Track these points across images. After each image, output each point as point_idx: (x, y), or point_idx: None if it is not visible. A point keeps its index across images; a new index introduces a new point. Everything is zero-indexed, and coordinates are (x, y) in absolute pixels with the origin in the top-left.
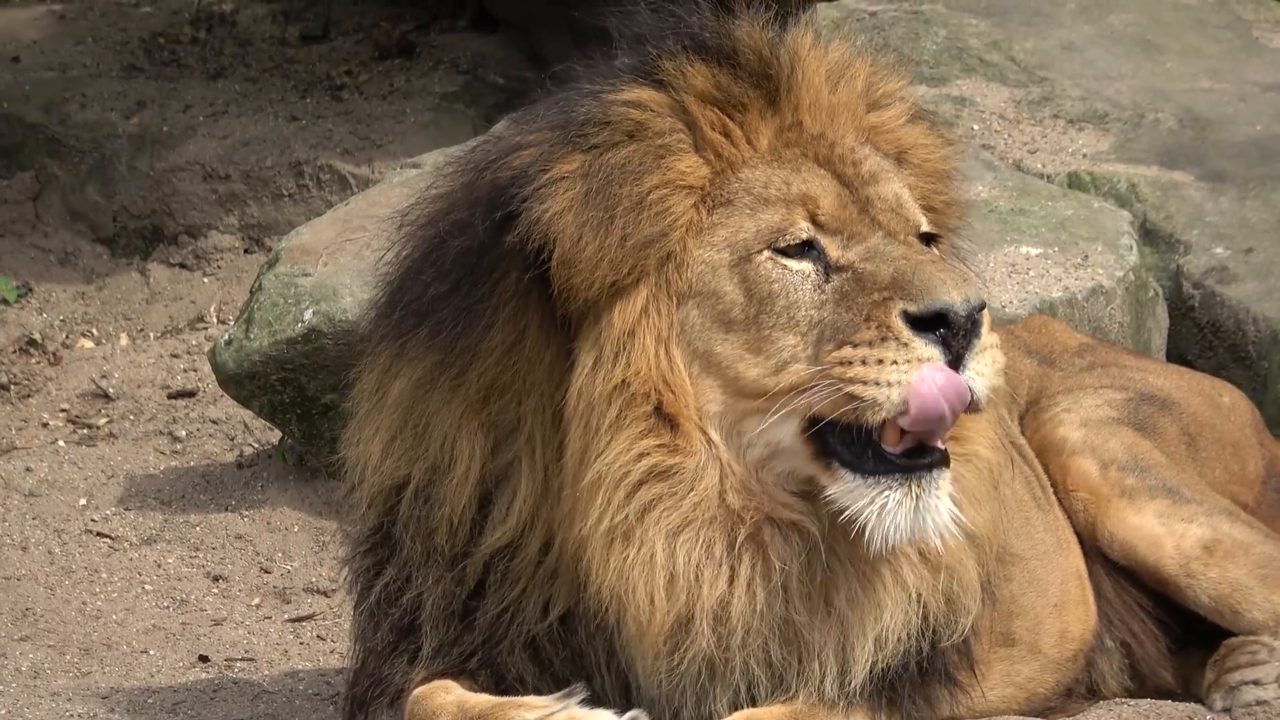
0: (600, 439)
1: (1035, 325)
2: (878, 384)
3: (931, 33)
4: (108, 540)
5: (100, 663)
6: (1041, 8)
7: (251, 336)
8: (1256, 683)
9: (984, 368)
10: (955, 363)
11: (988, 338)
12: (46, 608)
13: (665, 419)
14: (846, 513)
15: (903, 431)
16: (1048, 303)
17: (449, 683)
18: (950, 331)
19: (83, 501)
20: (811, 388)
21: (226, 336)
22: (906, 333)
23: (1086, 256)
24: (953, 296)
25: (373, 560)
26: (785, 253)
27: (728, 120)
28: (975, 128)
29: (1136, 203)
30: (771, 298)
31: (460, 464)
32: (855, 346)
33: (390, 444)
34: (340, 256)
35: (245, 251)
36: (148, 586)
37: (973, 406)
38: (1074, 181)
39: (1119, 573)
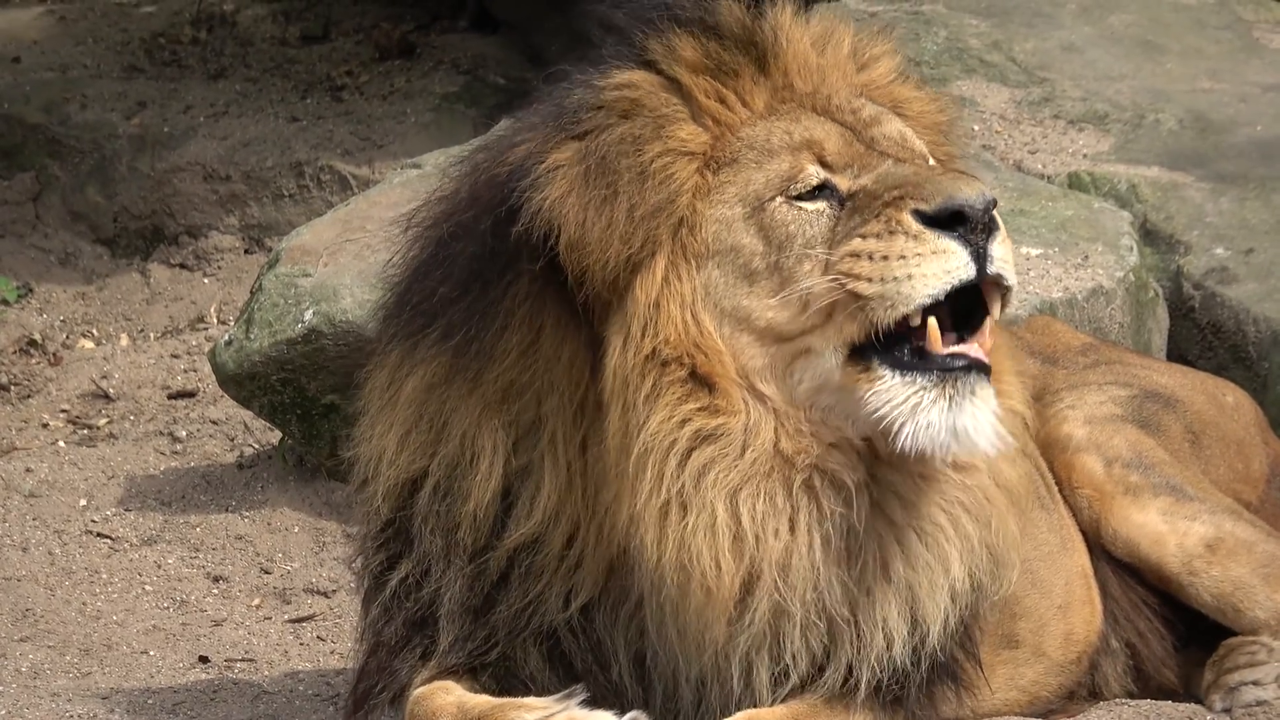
0: (639, 413)
1: (1038, 326)
2: (882, 280)
3: (932, 33)
4: (108, 541)
5: (100, 663)
6: (1042, 8)
7: (252, 337)
8: (1256, 683)
9: (1007, 254)
10: (979, 256)
11: (1002, 232)
12: (47, 608)
13: (701, 382)
14: (882, 414)
15: (949, 337)
16: (1048, 303)
17: (449, 683)
18: (969, 227)
19: (83, 502)
20: (831, 304)
21: (227, 337)
22: (916, 225)
23: (1087, 257)
24: (966, 193)
25: (386, 555)
26: (798, 198)
27: (721, 87)
28: (976, 128)
29: (1137, 203)
30: (790, 239)
31: (483, 460)
32: (864, 239)
33: (406, 438)
34: (341, 257)
35: (246, 252)
36: (148, 587)
37: (1006, 295)
38: (1074, 182)
39: (1124, 570)
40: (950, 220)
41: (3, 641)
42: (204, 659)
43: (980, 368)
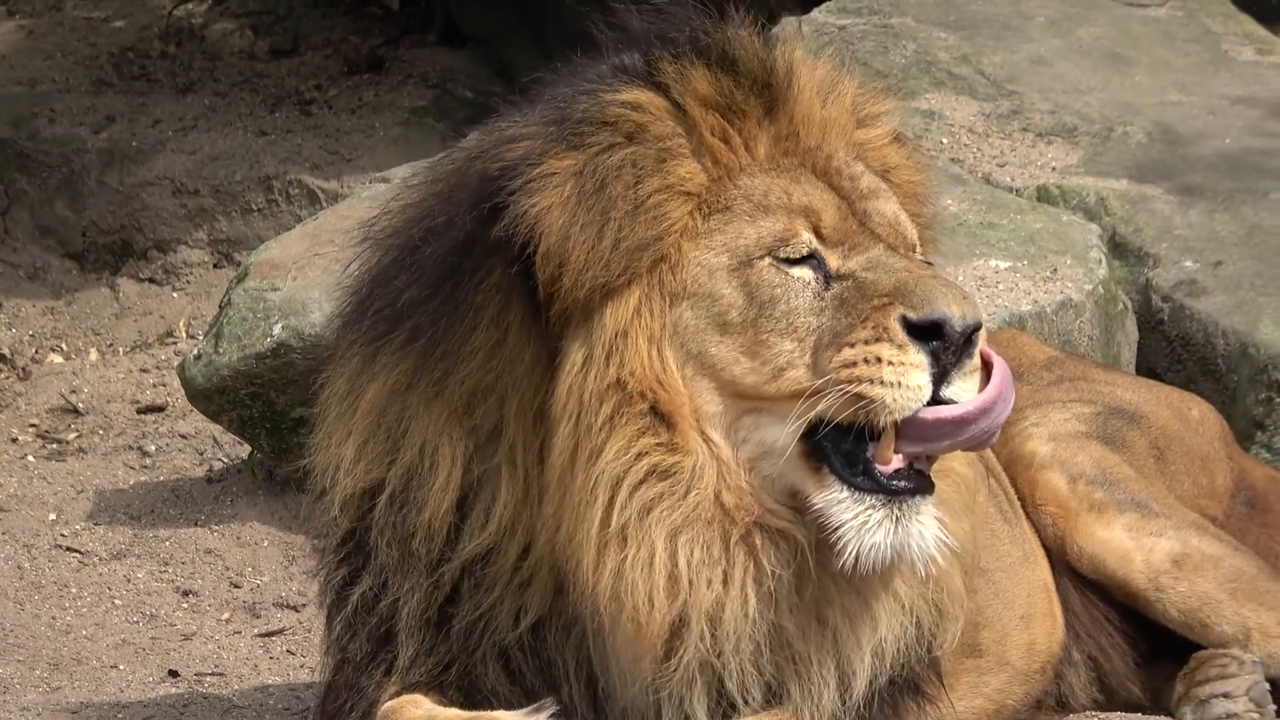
0: (595, 438)
1: (1004, 339)
2: (883, 383)
3: (900, 46)
4: (77, 555)
5: (70, 678)
6: (1010, 21)
7: (221, 351)
8: (1226, 695)
9: (968, 390)
10: (941, 377)
11: (974, 362)
12: (15, 623)
13: (662, 418)
14: (829, 523)
15: (897, 451)
16: (1017, 316)
17: (418, 697)
18: (943, 345)
19: (52, 516)
20: (821, 394)
21: (196, 351)
22: (902, 335)
23: (1055, 270)
24: (952, 309)
25: (347, 569)
26: (787, 261)
27: (727, 126)
28: (944, 141)
29: (1105, 216)
30: (772, 302)
31: (442, 469)
32: (853, 346)
33: (363, 447)
34: (309, 271)
35: (214, 266)
36: (117, 601)
37: None
38: (1043, 195)
39: (1087, 586)
40: (930, 331)
41: None
42: (174, 673)
43: (926, 489)
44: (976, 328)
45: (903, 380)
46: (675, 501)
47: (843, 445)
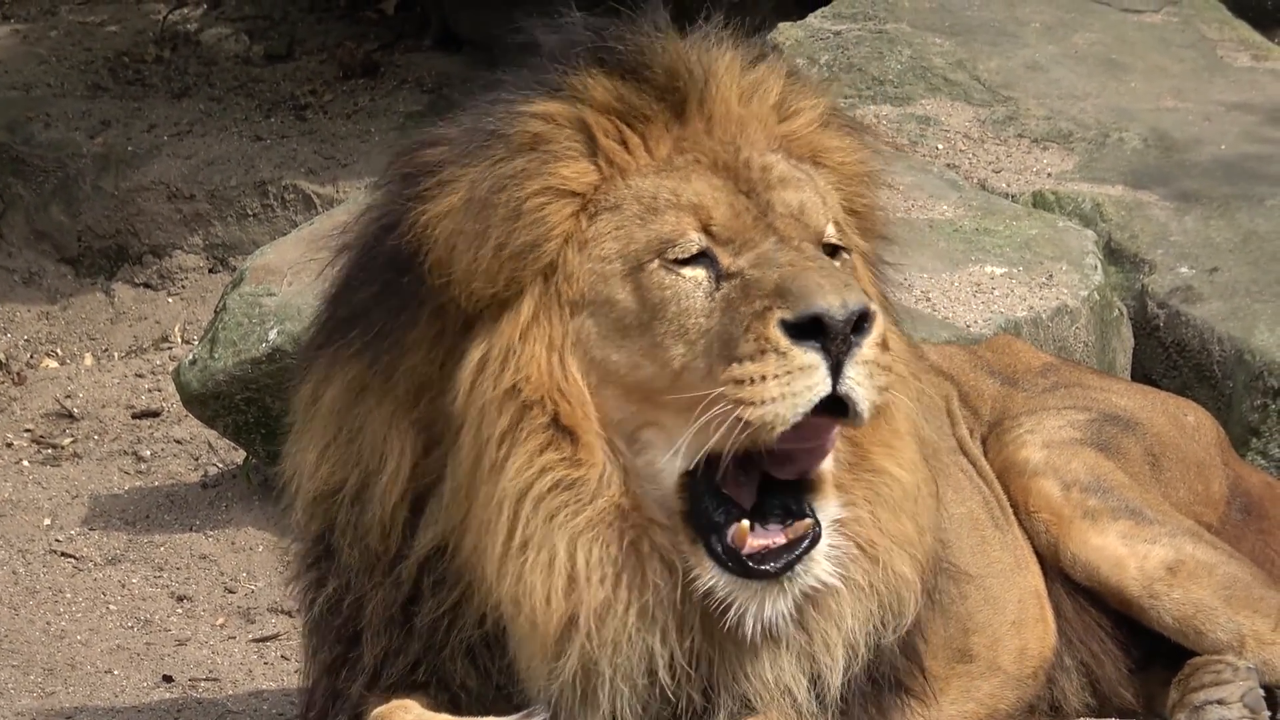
0: (496, 450)
1: (999, 345)
2: (763, 403)
3: (896, 52)
4: (72, 560)
5: (64, 683)
6: (1006, 27)
7: (216, 356)
8: (1221, 702)
9: (862, 379)
10: (836, 369)
11: (870, 350)
12: (10, 628)
13: (564, 430)
14: (721, 600)
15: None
16: (1012, 322)
17: (408, 702)
18: (828, 337)
19: (47, 521)
20: (709, 411)
21: (191, 356)
22: (784, 342)
23: (1051, 276)
24: (829, 301)
25: (316, 574)
26: (676, 262)
27: (626, 129)
28: (940, 147)
29: (1101, 222)
30: (664, 304)
31: (390, 463)
32: (741, 363)
33: (324, 451)
34: (305, 276)
35: (210, 271)
36: (112, 606)
37: (854, 418)
38: (1039, 201)
39: (1080, 593)
40: (811, 327)
41: None
42: (168, 678)
43: (798, 554)
44: (861, 314)
45: (786, 391)
46: (580, 507)
47: (710, 507)
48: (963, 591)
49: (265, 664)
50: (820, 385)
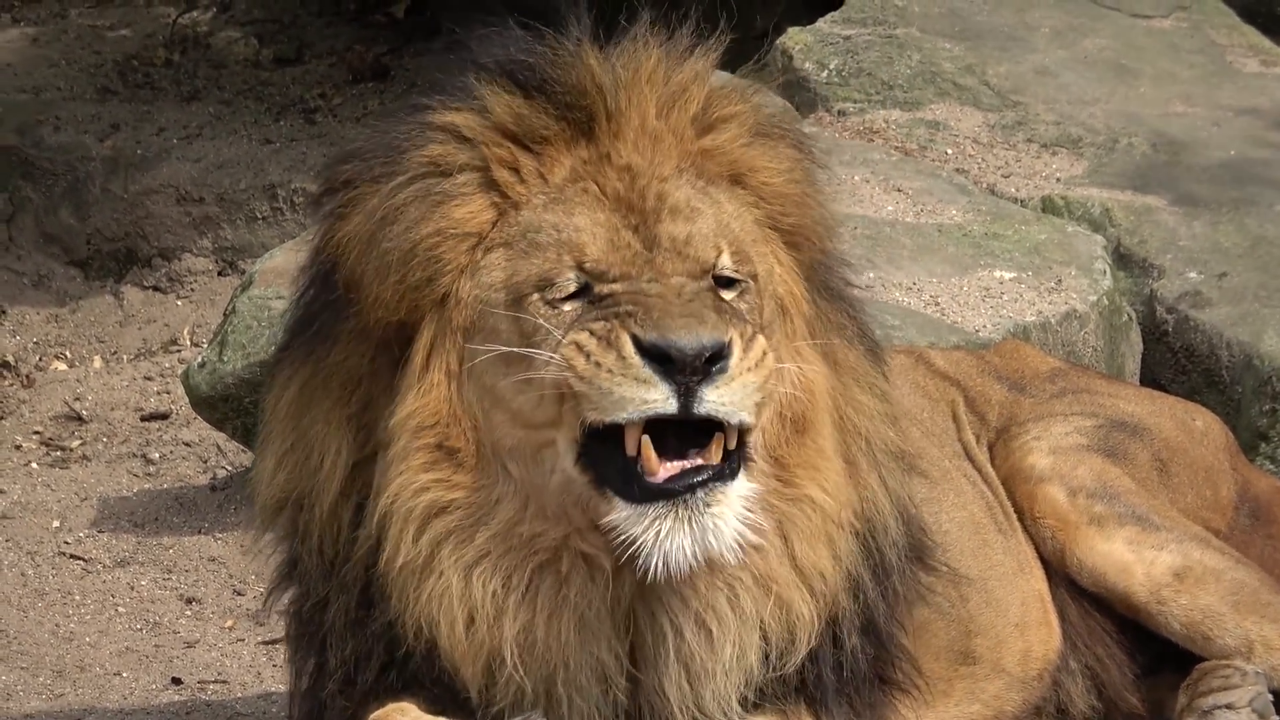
0: (389, 470)
1: (1007, 350)
2: (590, 383)
3: (905, 57)
4: (81, 562)
5: (73, 685)
6: (1015, 32)
7: (225, 359)
8: (1229, 707)
9: (727, 396)
10: (687, 393)
11: (738, 368)
12: (19, 630)
13: (448, 453)
14: (626, 541)
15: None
16: (1021, 327)
17: (405, 704)
18: (675, 368)
19: (56, 524)
20: (560, 396)
21: (200, 359)
22: (629, 348)
23: (1060, 281)
24: (681, 336)
25: (287, 582)
26: (553, 303)
27: (520, 155)
28: (949, 152)
29: (1110, 227)
30: (537, 331)
31: (328, 459)
32: (590, 335)
33: (282, 458)
34: None
35: (219, 274)
36: (121, 609)
37: (733, 428)
38: (1047, 206)
39: (1085, 598)
40: (660, 357)
41: None
42: (177, 680)
43: (715, 476)
44: (717, 353)
45: (617, 390)
46: (468, 535)
47: (616, 463)
48: (963, 594)
49: (274, 666)
50: (659, 404)
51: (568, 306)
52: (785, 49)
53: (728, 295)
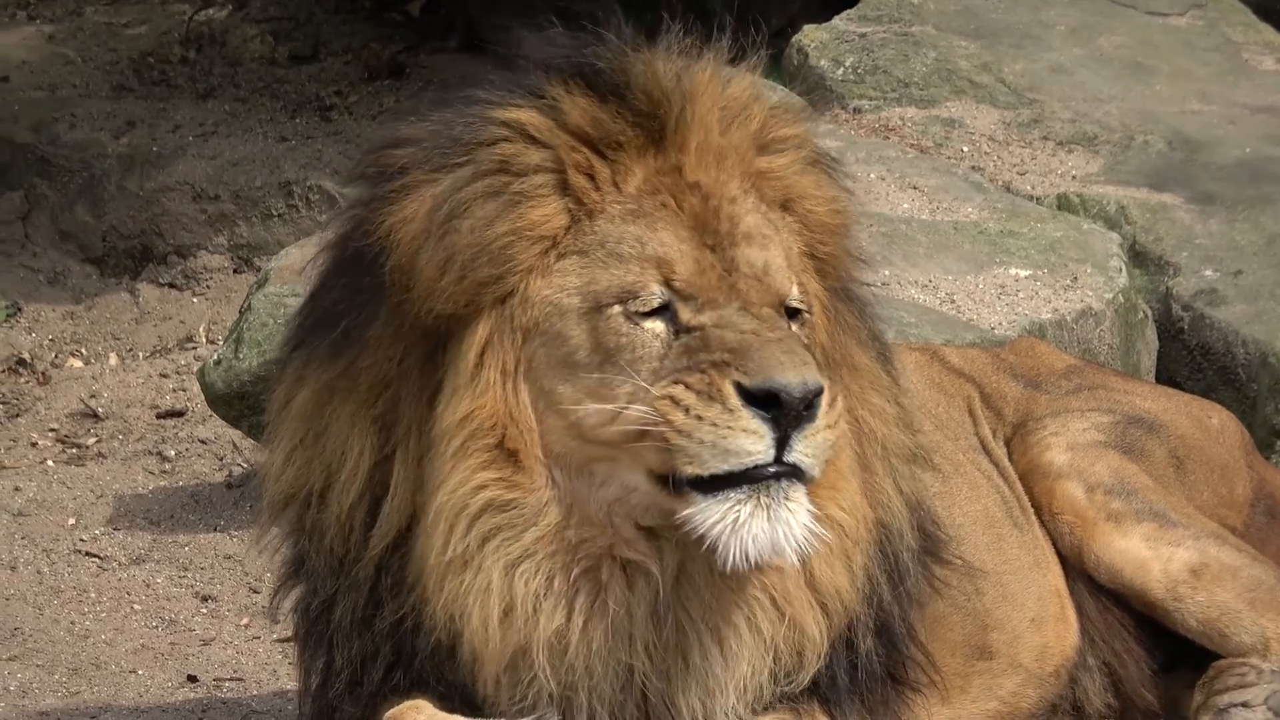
0: (444, 468)
1: (1022, 348)
2: (690, 437)
3: (921, 54)
4: (96, 560)
5: (89, 682)
6: (1031, 30)
7: (241, 356)
8: (1245, 705)
9: (811, 450)
10: (783, 441)
11: (822, 421)
12: (35, 627)
13: (507, 453)
14: (701, 533)
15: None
16: (1037, 324)
17: (420, 702)
18: (782, 412)
19: (71, 521)
20: (642, 433)
21: (216, 356)
22: (735, 400)
23: (1076, 278)
24: (789, 378)
25: (294, 580)
26: (637, 314)
27: (597, 161)
28: (965, 149)
29: (1126, 225)
30: (619, 350)
31: (350, 460)
32: (686, 389)
33: (292, 453)
34: None
35: (235, 271)
36: (136, 606)
37: (805, 479)
38: (1063, 203)
39: (1102, 593)
40: (767, 399)
41: None
42: (192, 678)
43: (793, 473)
44: (817, 393)
45: (720, 443)
46: (516, 534)
47: None
48: (978, 588)
49: (289, 664)
50: (762, 453)
51: (648, 324)
52: (801, 46)
53: (794, 327)
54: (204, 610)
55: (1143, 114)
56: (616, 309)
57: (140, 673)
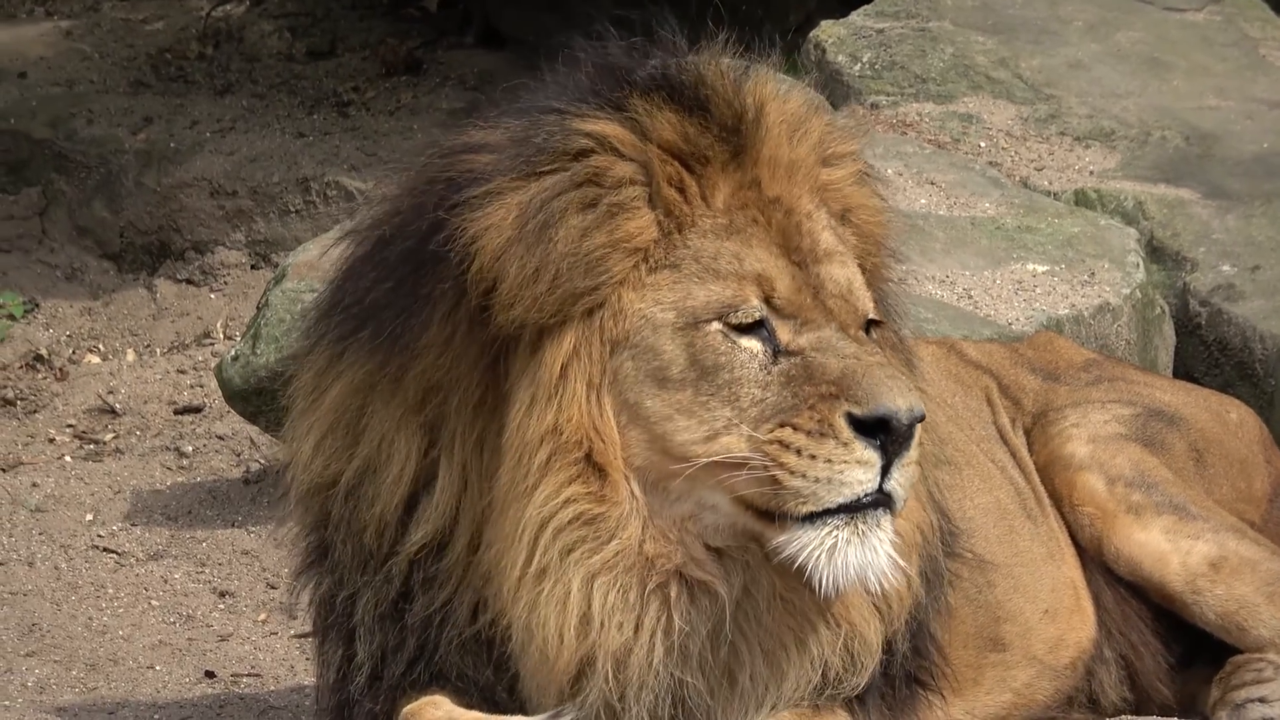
0: (529, 479)
1: (1040, 342)
2: (804, 477)
3: (939, 50)
4: (114, 556)
5: (106, 678)
6: (1049, 25)
7: (258, 352)
8: (1263, 700)
9: (904, 480)
10: (884, 470)
11: (914, 453)
12: (53, 623)
13: (594, 467)
14: (793, 556)
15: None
16: (1054, 320)
17: (438, 697)
18: (890, 438)
19: (89, 517)
20: (740, 464)
21: (233, 352)
22: (848, 432)
23: (1093, 274)
24: (898, 404)
25: (315, 570)
26: (736, 329)
27: (686, 174)
28: (982, 145)
29: (1143, 220)
30: (716, 369)
31: (395, 463)
32: (795, 430)
33: (321, 442)
34: None
35: (252, 267)
36: (154, 602)
37: (890, 508)
38: (1080, 199)
39: (1120, 584)
40: (876, 425)
41: (9, 656)
42: (210, 674)
43: (886, 503)
44: (920, 418)
45: (835, 478)
46: (597, 545)
47: None
48: (990, 580)
49: (307, 659)
50: (870, 483)
51: (745, 342)
52: (819, 42)
53: (895, 363)
54: (221, 606)
55: (1160, 109)
56: (715, 325)
57: (158, 668)
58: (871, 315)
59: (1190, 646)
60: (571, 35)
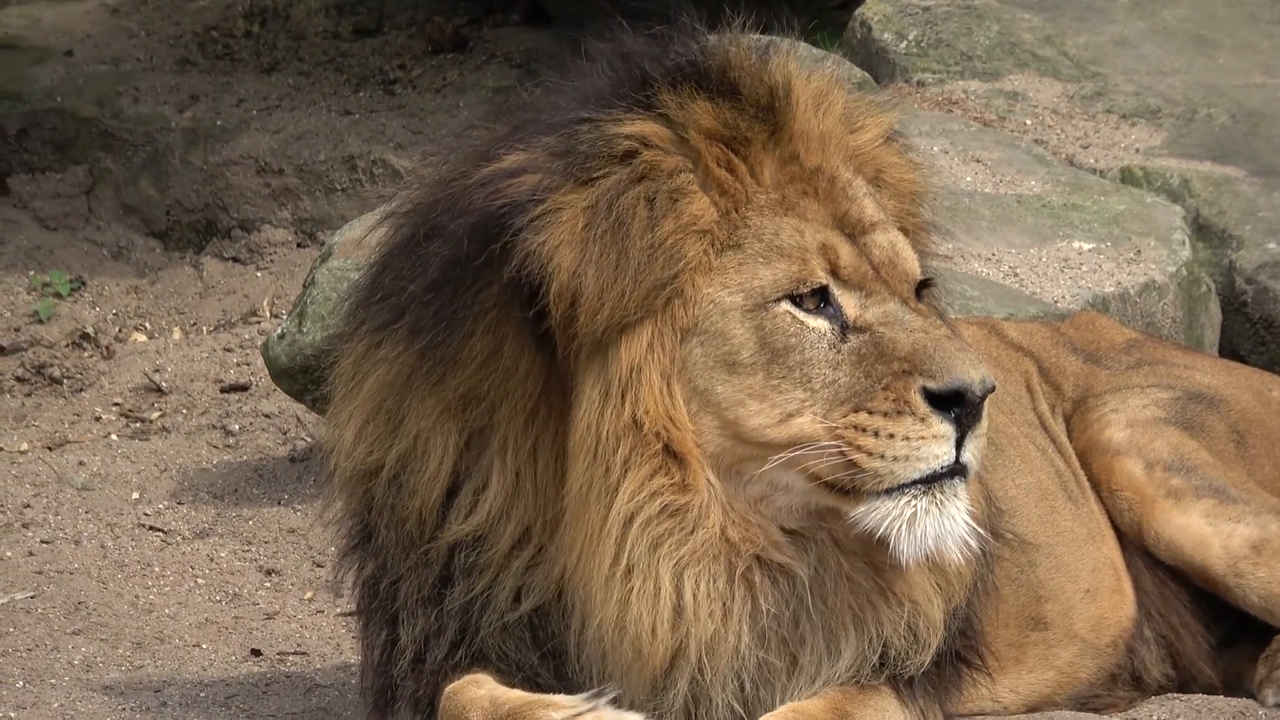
0: (610, 477)
1: (1082, 322)
2: (883, 458)
3: (984, 27)
4: (160, 534)
5: (153, 656)
6: (1094, 3)
7: (304, 330)
8: None
9: (977, 450)
10: (959, 442)
11: (985, 423)
12: (99, 601)
13: (674, 457)
14: (872, 529)
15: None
16: (1100, 298)
17: (481, 676)
18: (964, 410)
19: (135, 495)
20: (814, 445)
21: (279, 330)
22: (924, 408)
23: (1139, 252)
24: (971, 376)
25: (359, 554)
26: (803, 303)
27: (732, 156)
28: (1028, 122)
29: (1189, 198)
30: (786, 351)
31: (433, 460)
32: (871, 414)
33: (363, 429)
34: None
35: (298, 245)
36: (200, 580)
37: (962, 479)
38: (1127, 177)
39: (1160, 568)
40: (950, 398)
41: (56, 634)
42: (256, 652)
43: (961, 471)
44: (992, 389)
45: (913, 454)
46: (684, 536)
47: None
48: (1031, 560)
49: (353, 638)
50: (946, 455)
51: (814, 322)
52: (864, 19)
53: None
54: (267, 584)
55: (1206, 87)
56: (784, 306)
57: (204, 646)
58: (919, 276)
59: (1233, 625)
60: (615, 14)
